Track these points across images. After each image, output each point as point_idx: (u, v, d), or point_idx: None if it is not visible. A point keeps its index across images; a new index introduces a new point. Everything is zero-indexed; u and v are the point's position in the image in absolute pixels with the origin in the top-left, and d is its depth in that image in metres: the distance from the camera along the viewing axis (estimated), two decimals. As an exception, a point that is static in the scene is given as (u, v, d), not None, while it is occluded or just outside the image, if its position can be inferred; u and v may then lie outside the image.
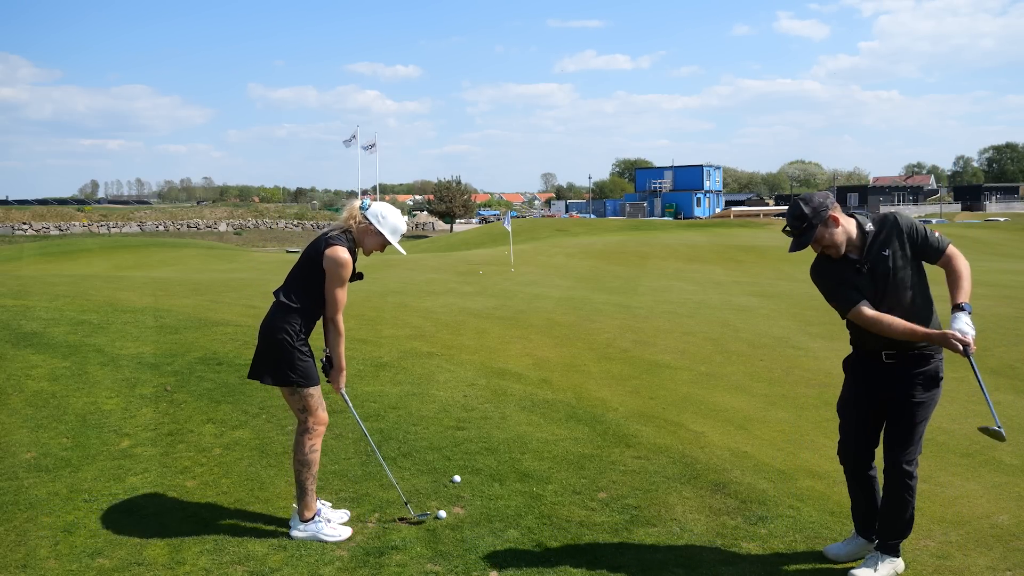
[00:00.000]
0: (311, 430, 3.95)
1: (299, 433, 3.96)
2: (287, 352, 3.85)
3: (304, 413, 3.95)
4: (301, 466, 3.92)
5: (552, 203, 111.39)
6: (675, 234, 40.04)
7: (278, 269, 20.89)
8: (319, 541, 3.84)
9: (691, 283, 17.34)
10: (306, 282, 3.91)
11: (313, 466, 3.94)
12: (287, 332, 3.86)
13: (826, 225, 3.51)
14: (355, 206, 4.03)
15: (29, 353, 7.12)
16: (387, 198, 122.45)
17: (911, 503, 3.59)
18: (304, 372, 3.90)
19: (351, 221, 3.98)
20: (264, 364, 3.91)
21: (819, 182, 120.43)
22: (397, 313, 10.59)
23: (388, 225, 4.01)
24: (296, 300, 3.89)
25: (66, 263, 29.13)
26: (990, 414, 3.44)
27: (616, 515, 4.19)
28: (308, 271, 3.91)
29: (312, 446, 3.94)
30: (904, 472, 3.57)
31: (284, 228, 70.70)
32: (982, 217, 61.94)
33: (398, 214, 4.06)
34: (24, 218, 61.36)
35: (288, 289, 3.94)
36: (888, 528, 3.64)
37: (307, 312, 3.92)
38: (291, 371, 3.86)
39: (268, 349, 3.90)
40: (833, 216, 3.50)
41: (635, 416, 6.04)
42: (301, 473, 3.92)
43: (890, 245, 3.50)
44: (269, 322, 3.92)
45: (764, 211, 70.22)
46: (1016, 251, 31.09)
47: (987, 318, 10.64)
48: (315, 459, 3.94)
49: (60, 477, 4.62)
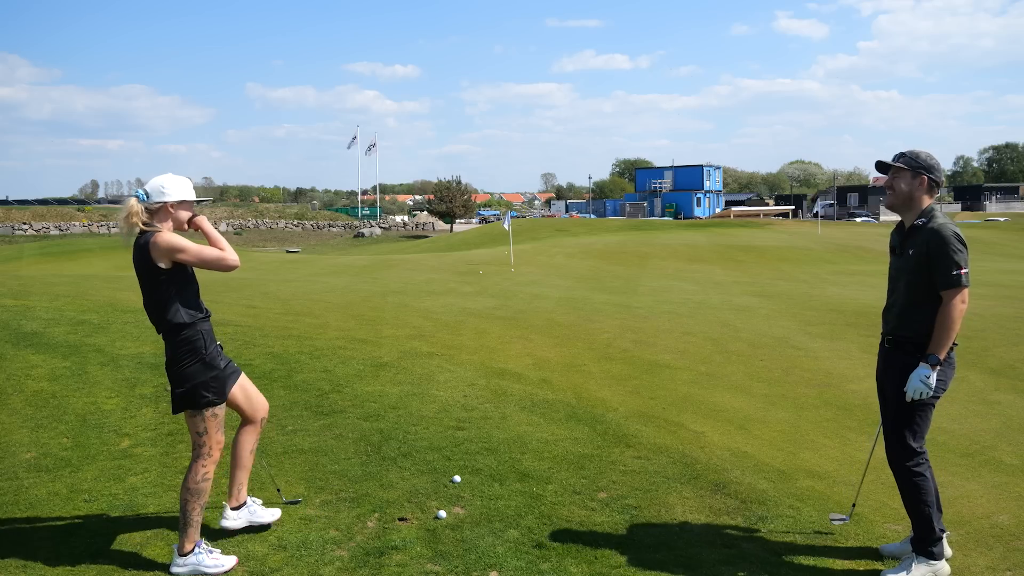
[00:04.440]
0: (207, 455, 3.67)
1: (194, 459, 3.67)
2: (197, 373, 3.60)
3: (202, 436, 3.66)
4: (190, 496, 3.60)
5: (552, 203, 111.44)
6: (675, 234, 40.04)
7: (278, 269, 20.89)
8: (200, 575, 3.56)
9: (691, 283, 17.34)
10: (159, 298, 3.61)
11: (203, 496, 3.64)
12: (195, 353, 3.60)
13: (900, 173, 3.66)
14: (132, 203, 3.62)
15: (29, 353, 7.12)
16: (387, 198, 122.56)
17: (920, 501, 3.57)
18: (217, 390, 3.66)
19: (135, 218, 3.60)
20: (180, 395, 3.62)
21: (819, 182, 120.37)
22: (397, 313, 10.59)
23: (177, 191, 3.67)
24: (169, 318, 3.59)
25: (66, 263, 29.12)
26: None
27: (616, 515, 4.19)
28: (153, 283, 3.60)
29: (206, 474, 3.65)
30: (897, 469, 3.63)
31: (284, 228, 70.71)
32: (982, 217, 61.96)
33: (174, 177, 3.71)
34: (24, 218, 61.35)
35: (156, 318, 3.64)
36: (914, 530, 3.67)
37: (189, 322, 3.62)
38: (205, 391, 3.62)
39: (177, 380, 3.62)
40: (921, 178, 3.62)
41: (635, 416, 6.04)
42: (188, 503, 3.60)
43: (917, 247, 3.58)
44: (170, 356, 3.62)
45: (764, 211, 70.26)
46: (1016, 251, 31.11)
47: (987, 318, 10.64)
48: (206, 488, 3.65)
49: (60, 477, 4.62)
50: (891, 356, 3.67)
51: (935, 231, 3.53)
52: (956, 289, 3.47)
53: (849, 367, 7.98)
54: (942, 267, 3.49)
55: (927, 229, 3.57)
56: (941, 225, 3.55)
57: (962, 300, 3.48)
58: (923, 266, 3.54)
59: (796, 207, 75.40)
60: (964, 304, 3.49)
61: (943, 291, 3.50)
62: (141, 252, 3.59)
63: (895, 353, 3.65)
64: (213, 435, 3.68)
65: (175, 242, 3.57)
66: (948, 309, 3.48)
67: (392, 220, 79.44)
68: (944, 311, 3.49)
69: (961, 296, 3.48)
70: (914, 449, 3.59)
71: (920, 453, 3.61)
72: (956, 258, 3.47)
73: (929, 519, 3.58)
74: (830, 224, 51.33)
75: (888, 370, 3.68)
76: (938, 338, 3.49)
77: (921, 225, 3.61)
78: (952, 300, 3.48)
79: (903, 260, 3.67)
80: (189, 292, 3.69)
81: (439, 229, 71.85)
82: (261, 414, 4.04)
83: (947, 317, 3.47)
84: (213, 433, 3.68)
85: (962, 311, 3.49)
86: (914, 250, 3.59)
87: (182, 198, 3.70)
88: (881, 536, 4.00)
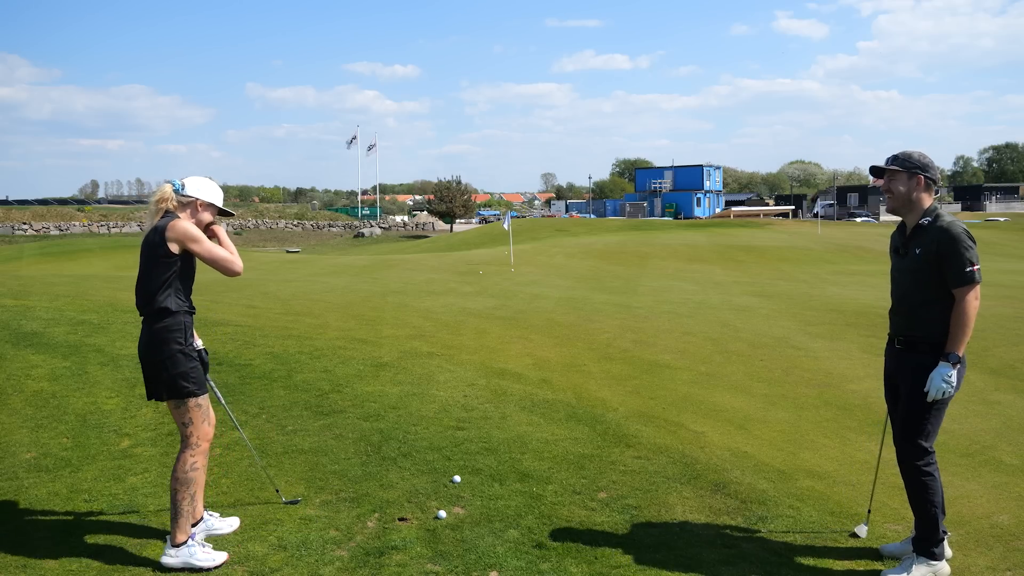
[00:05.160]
0: (195, 445, 3.71)
1: (181, 449, 3.72)
2: (178, 362, 3.63)
3: (188, 427, 3.70)
4: (179, 485, 3.65)
5: (552, 203, 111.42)
6: (675, 234, 40.04)
7: (278, 269, 20.90)
8: (191, 568, 3.58)
9: (691, 283, 17.34)
10: (156, 280, 3.66)
11: (192, 485, 3.68)
12: (174, 341, 3.64)
13: (896, 176, 3.66)
14: (167, 188, 3.75)
15: (29, 353, 7.12)
16: (387, 198, 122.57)
17: (927, 501, 3.57)
18: (197, 380, 3.70)
19: (163, 204, 3.72)
20: (157, 382, 3.67)
21: (819, 182, 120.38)
22: (397, 313, 10.59)
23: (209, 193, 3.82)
24: (158, 302, 3.64)
25: (66, 263, 29.13)
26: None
27: (616, 515, 4.19)
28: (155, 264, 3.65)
29: (194, 463, 3.70)
30: (907, 468, 3.62)
31: (284, 228, 70.71)
32: (982, 217, 61.94)
33: (211, 182, 3.88)
34: (24, 218, 61.32)
35: (145, 299, 3.69)
36: (916, 530, 3.66)
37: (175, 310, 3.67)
38: (184, 381, 3.65)
39: (155, 367, 3.66)
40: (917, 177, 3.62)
41: (635, 416, 6.04)
42: (178, 493, 3.65)
43: (925, 246, 3.57)
44: (148, 340, 3.68)
45: (764, 211, 70.25)
46: (1016, 251, 31.11)
47: (987, 318, 10.65)
48: (195, 478, 3.70)
49: (60, 477, 4.62)
50: (904, 356, 3.66)
51: (944, 229, 3.53)
52: (970, 286, 3.48)
53: (849, 367, 7.98)
54: (955, 265, 3.48)
55: (935, 228, 3.56)
56: (950, 223, 3.55)
57: (975, 296, 3.49)
58: (932, 265, 3.53)
59: (796, 207, 75.41)
60: (977, 300, 3.50)
61: (956, 288, 3.50)
62: (156, 232, 3.67)
63: (908, 354, 3.64)
64: (199, 425, 3.73)
65: (192, 231, 3.68)
66: (963, 306, 3.48)
67: (392, 220, 79.46)
68: (959, 308, 3.49)
69: (974, 292, 3.49)
70: (925, 448, 3.58)
71: (930, 452, 3.60)
72: (968, 255, 3.48)
73: (935, 520, 3.58)
74: (830, 224, 51.33)
75: (901, 371, 3.66)
76: (955, 335, 3.49)
77: (927, 224, 3.60)
78: (966, 297, 3.48)
79: (908, 260, 3.66)
80: (185, 283, 3.77)
81: (439, 229, 71.85)
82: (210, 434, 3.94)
83: (963, 314, 3.48)
84: (199, 424, 3.73)
85: (976, 307, 3.50)
86: (921, 249, 3.58)
87: (211, 201, 3.85)
88: (881, 536, 4.00)
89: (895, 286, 3.78)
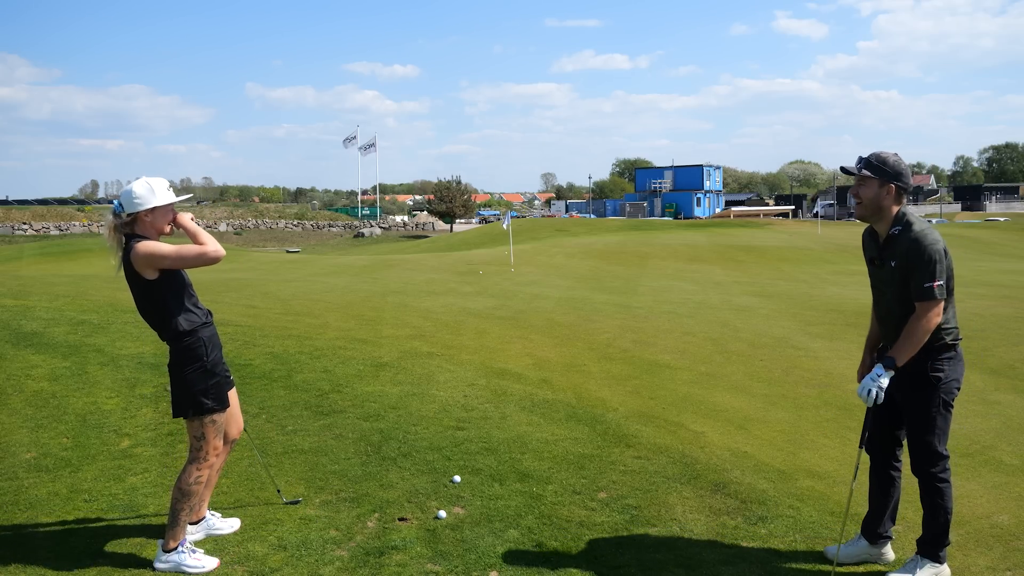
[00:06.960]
0: (203, 459, 3.69)
1: (189, 461, 3.70)
2: (197, 380, 3.62)
3: (200, 440, 3.68)
4: (181, 496, 3.62)
5: (552, 203, 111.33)
6: (675, 234, 40.03)
7: (278, 269, 20.89)
8: (181, 573, 3.57)
9: (691, 283, 17.34)
10: (154, 305, 3.63)
11: (193, 498, 3.66)
12: (196, 359, 3.63)
13: (866, 182, 3.48)
14: (109, 219, 3.63)
15: (29, 353, 7.12)
16: (387, 198, 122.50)
17: (941, 508, 3.52)
18: (217, 396, 3.69)
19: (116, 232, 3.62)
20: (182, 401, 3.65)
21: (819, 182, 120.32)
22: (397, 313, 10.59)
23: (147, 199, 3.59)
24: (170, 327, 3.62)
25: (66, 263, 29.11)
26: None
27: (616, 515, 4.19)
28: (144, 293, 3.62)
29: (199, 477, 3.67)
30: (923, 476, 3.55)
31: (284, 228, 70.68)
32: (982, 217, 61.95)
33: (146, 183, 3.63)
34: (24, 218, 61.29)
35: (157, 327, 3.67)
36: (925, 531, 3.60)
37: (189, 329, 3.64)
38: (204, 398, 3.64)
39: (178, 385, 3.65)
40: (889, 187, 3.44)
41: (635, 416, 6.04)
42: (178, 503, 3.63)
43: (898, 258, 3.46)
44: (171, 360, 3.67)
45: (764, 211, 70.24)
46: (1016, 251, 31.09)
47: (987, 318, 10.65)
48: (197, 491, 3.69)
49: (60, 477, 4.62)
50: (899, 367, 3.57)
51: (915, 240, 3.39)
52: (931, 302, 3.33)
53: (849, 367, 7.97)
54: (916, 278, 3.37)
55: (906, 238, 3.43)
56: (920, 233, 3.39)
57: (936, 314, 3.34)
58: (906, 276, 3.43)
59: (796, 207, 75.35)
60: (938, 318, 3.35)
61: (916, 302, 3.37)
62: (126, 264, 3.59)
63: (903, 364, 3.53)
64: (211, 441, 3.70)
65: (154, 250, 3.54)
66: (916, 322, 3.35)
67: (392, 220, 79.37)
68: (914, 322, 3.35)
69: (936, 310, 3.34)
70: (940, 453, 3.52)
71: (946, 457, 3.53)
72: (931, 269, 3.33)
73: (946, 524, 3.54)
74: (830, 224, 51.31)
75: (898, 381, 3.53)
76: (901, 346, 3.37)
77: (897, 234, 3.47)
78: (924, 312, 3.34)
79: (886, 272, 3.54)
80: (184, 298, 3.68)
81: (439, 229, 71.82)
82: (235, 433, 4.01)
83: (916, 329, 3.34)
84: (211, 439, 3.70)
85: (935, 323, 3.35)
86: (896, 261, 3.46)
87: (154, 205, 3.61)
88: (881, 536, 3.99)
89: (879, 297, 3.67)
